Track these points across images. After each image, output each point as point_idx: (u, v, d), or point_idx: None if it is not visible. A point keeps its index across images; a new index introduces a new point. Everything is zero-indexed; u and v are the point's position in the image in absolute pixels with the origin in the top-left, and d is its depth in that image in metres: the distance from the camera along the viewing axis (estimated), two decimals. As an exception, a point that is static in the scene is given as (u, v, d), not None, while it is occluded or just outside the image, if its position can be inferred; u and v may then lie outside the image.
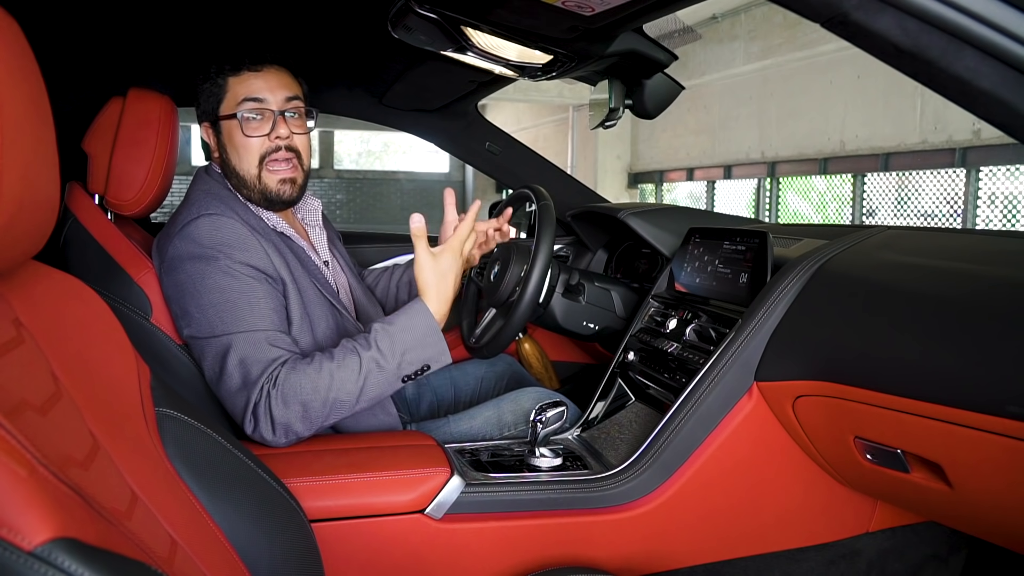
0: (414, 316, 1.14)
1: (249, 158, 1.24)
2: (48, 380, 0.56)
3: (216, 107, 1.26)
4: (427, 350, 1.13)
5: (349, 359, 1.09)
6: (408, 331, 1.12)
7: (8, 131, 0.47)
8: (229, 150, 1.26)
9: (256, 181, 1.25)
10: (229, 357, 1.10)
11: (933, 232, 1.29)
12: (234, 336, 1.11)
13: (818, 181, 6.74)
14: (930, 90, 0.68)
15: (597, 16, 1.09)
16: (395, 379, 1.12)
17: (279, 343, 1.13)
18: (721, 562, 1.19)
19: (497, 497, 1.09)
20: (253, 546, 0.73)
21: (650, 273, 1.76)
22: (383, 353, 1.10)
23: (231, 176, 1.27)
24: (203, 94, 1.28)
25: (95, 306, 0.71)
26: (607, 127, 1.54)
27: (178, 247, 1.16)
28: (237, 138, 1.24)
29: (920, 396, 0.86)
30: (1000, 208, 5.22)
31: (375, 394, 1.11)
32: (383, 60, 1.64)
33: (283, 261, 1.21)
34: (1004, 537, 0.95)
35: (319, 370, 1.08)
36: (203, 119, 1.30)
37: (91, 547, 0.40)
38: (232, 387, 1.10)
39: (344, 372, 1.09)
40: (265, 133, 1.24)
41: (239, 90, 1.24)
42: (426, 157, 12.01)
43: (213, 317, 1.12)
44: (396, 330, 1.12)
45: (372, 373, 1.10)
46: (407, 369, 1.12)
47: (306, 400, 1.07)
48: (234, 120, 1.24)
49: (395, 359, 1.11)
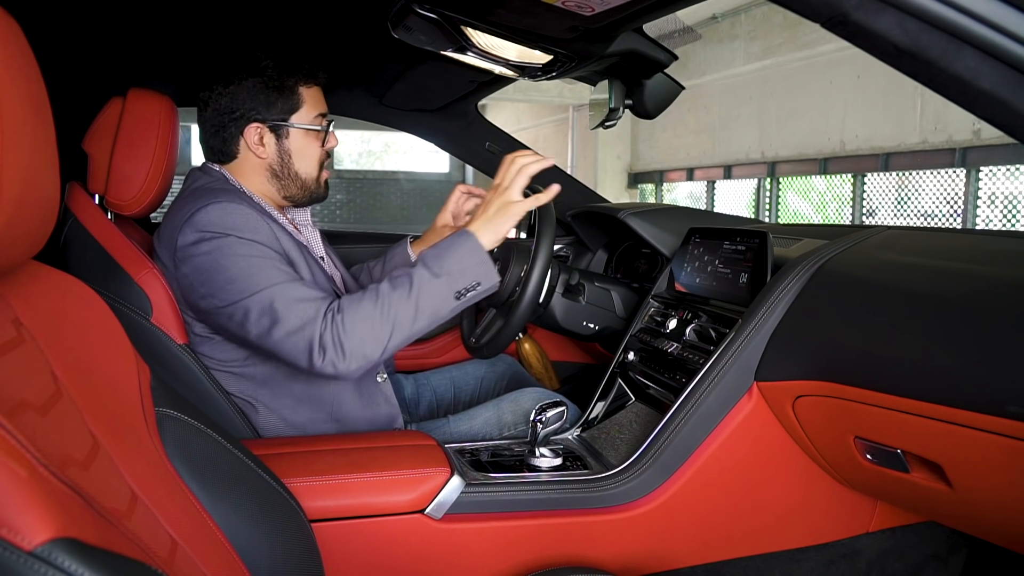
0: (457, 238, 1.18)
1: (315, 164, 1.34)
2: (48, 380, 0.56)
3: (287, 115, 1.29)
4: (475, 267, 1.17)
5: (400, 280, 1.14)
6: (453, 248, 1.16)
7: (8, 131, 0.47)
8: (294, 155, 1.31)
9: (314, 183, 1.35)
10: (277, 303, 1.11)
11: (933, 232, 1.29)
12: (274, 287, 1.12)
13: (818, 181, 6.73)
14: (930, 90, 0.68)
15: (597, 16, 1.09)
16: (448, 292, 1.15)
17: (316, 288, 1.16)
18: (721, 562, 1.19)
19: (497, 497, 1.09)
20: (253, 546, 0.73)
21: (650, 273, 1.76)
22: (430, 267, 1.14)
23: (284, 178, 1.32)
24: (259, 96, 1.27)
25: (95, 306, 0.71)
26: (607, 127, 1.53)
27: (188, 235, 1.16)
28: (308, 147, 1.32)
29: (920, 396, 0.86)
30: (1000, 208, 5.22)
31: (431, 309, 1.14)
32: (383, 60, 1.64)
33: (290, 247, 1.23)
34: (1004, 537, 0.95)
35: (376, 294, 1.12)
36: (255, 120, 1.28)
37: (91, 547, 0.40)
38: (293, 325, 1.10)
39: (399, 291, 1.13)
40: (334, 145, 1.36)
41: (314, 103, 1.31)
42: (426, 157, 12.01)
43: (246, 281, 1.12)
44: (441, 249, 1.17)
45: (424, 285, 1.13)
46: (459, 283, 1.15)
47: (372, 321, 1.10)
48: (306, 131, 1.30)
49: (444, 270, 1.14)
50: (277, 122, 1.28)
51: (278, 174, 1.31)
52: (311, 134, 1.31)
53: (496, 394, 1.66)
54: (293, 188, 1.33)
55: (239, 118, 1.28)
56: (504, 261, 1.48)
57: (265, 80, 1.27)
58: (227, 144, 1.30)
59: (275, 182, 1.32)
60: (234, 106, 1.27)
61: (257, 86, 1.27)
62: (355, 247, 1.95)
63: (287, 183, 1.32)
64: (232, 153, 1.30)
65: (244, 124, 1.28)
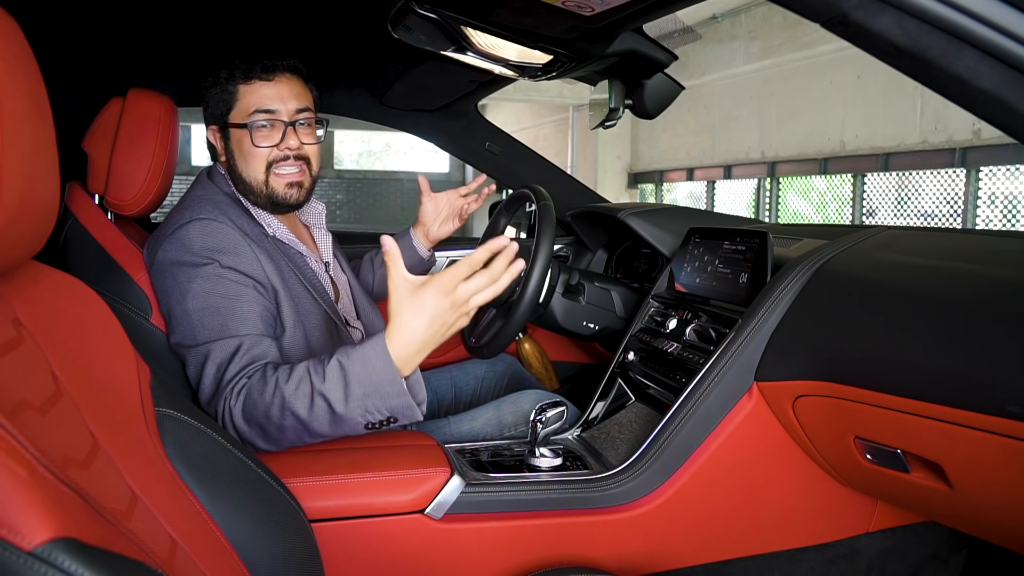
0: (370, 360, 0.97)
1: (256, 165, 1.25)
2: (48, 380, 0.56)
3: (225, 113, 1.26)
4: (386, 400, 0.97)
5: (302, 388, 0.99)
6: (363, 374, 0.97)
7: (8, 131, 0.47)
8: (237, 156, 1.26)
9: (263, 187, 1.26)
10: (206, 366, 1.09)
11: (933, 232, 1.29)
12: (212, 344, 1.09)
13: (818, 181, 6.73)
14: (930, 90, 0.68)
15: (597, 16, 1.09)
16: (353, 425, 0.99)
17: (256, 348, 1.09)
18: (721, 562, 1.19)
19: (497, 497, 1.09)
20: (253, 546, 0.73)
21: (650, 273, 1.76)
22: (336, 391, 0.97)
23: (238, 181, 1.27)
24: (212, 98, 1.27)
25: (95, 306, 0.71)
26: (607, 127, 1.54)
27: (167, 251, 1.15)
28: (246, 146, 1.25)
29: (920, 396, 0.86)
30: (1000, 208, 5.22)
31: (330, 433, 1.01)
32: (383, 60, 1.64)
33: (276, 268, 1.20)
34: (1004, 537, 0.95)
35: (273, 394, 1.00)
36: (211, 122, 1.29)
37: (91, 547, 0.40)
38: (206, 397, 1.09)
39: (296, 403, 0.99)
40: (275, 143, 1.25)
41: (250, 100, 1.24)
42: (426, 157, 12.01)
43: (196, 323, 1.11)
44: (351, 370, 0.97)
45: (323, 413, 0.98)
46: (367, 416, 0.98)
47: (262, 424, 1.02)
48: (244, 128, 1.24)
49: (350, 403, 0.97)
50: (220, 123, 1.27)
51: (234, 176, 1.28)
52: (247, 133, 1.24)
53: (496, 394, 1.66)
54: (249, 192, 1.27)
55: (206, 121, 1.30)
56: (504, 261, 1.48)
57: (215, 81, 1.27)
58: (211, 147, 1.32)
59: (240, 186, 1.28)
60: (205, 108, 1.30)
61: (212, 88, 1.27)
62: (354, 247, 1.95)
63: (242, 186, 1.27)
64: (215, 156, 1.32)
65: (207, 126, 1.30)
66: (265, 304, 1.16)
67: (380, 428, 1.01)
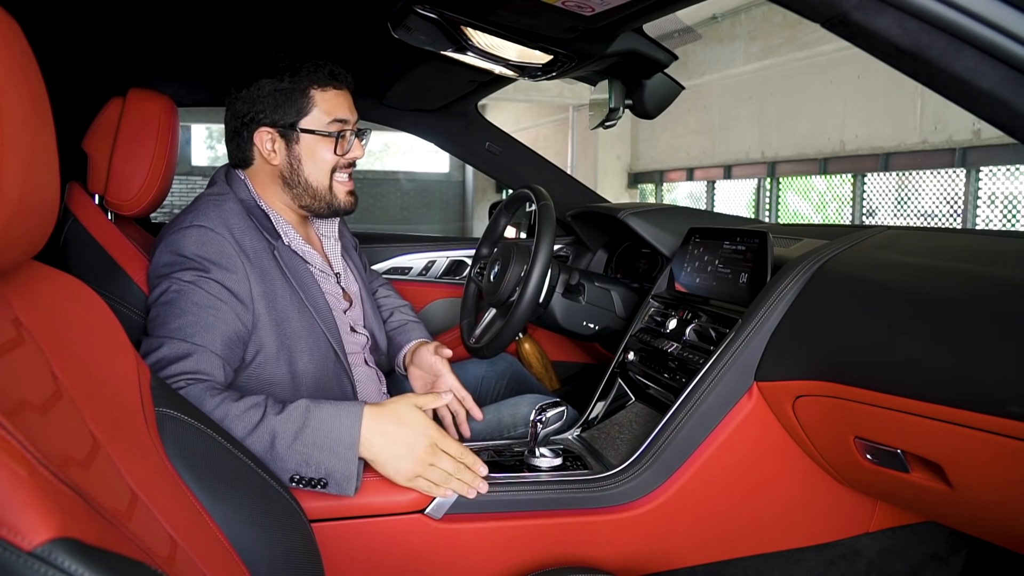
0: (341, 416, 0.98)
1: (326, 171, 1.28)
2: (48, 380, 0.56)
3: (296, 118, 1.24)
4: (332, 459, 0.96)
5: (251, 414, 0.97)
6: (326, 424, 0.97)
7: (8, 131, 0.47)
8: (305, 161, 1.26)
9: (327, 192, 1.29)
10: (152, 355, 1.04)
11: (933, 232, 1.29)
12: (166, 340, 1.06)
13: (818, 181, 6.74)
14: (930, 90, 0.68)
15: (597, 16, 1.09)
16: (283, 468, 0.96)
17: (205, 363, 1.06)
18: (721, 562, 1.19)
19: (497, 497, 1.09)
20: (253, 546, 0.73)
21: (650, 273, 1.76)
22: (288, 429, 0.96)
23: (295, 186, 1.27)
24: (269, 99, 1.23)
25: (95, 306, 0.71)
26: (607, 127, 1.54)
27: (161, 255, 1.15)
28: (319, 152, 1.26)
29: (920, 396, 0.86)
30: (1000, 208, 5.22)
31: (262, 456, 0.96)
32: (383, 60, 1.64)
33: (266, 291, 1.17)
34: (1004, 537, 0.95)
35: (216, 407, 0.97)
36: (265, 124, 1.25)
37: (91, 547, 0.40)
38: None
39: (237, 424, 0.96)
40: (343, 153, 1.29)
41: (328, 107, 1.25)
42: (426, 157, 12.01)
43: (159, 316, 1.08)
44: (315, 416, 0.97)
45: (261, 443, 0.96)
46: (301, 468, 0.96)
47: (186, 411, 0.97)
48: (318, 135, 1.25)
49: (295, 446, 0.95)
50: (286, 126, 1.25)
51: (288, 181, 1.27)
52: (325, 140, 1.26)
53: (496, 393, 1.66)
54: (306, 197, 1.28)
55: (250, 122, 1.25)
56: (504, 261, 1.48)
57: (276, 83, 1.23)
58: (242, 149, 1.28)
59: (288, 190, 1.28)
60: (246, 110, 1.25)
61: (268, 89, 1.23)
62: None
63: (299, 191, 1.28)
64: (248, 159, 1.28)
65: (255, 128, 1.25)
66: (236, 327, 1.12)
67: (301, 486, 0.97)
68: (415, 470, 1.00)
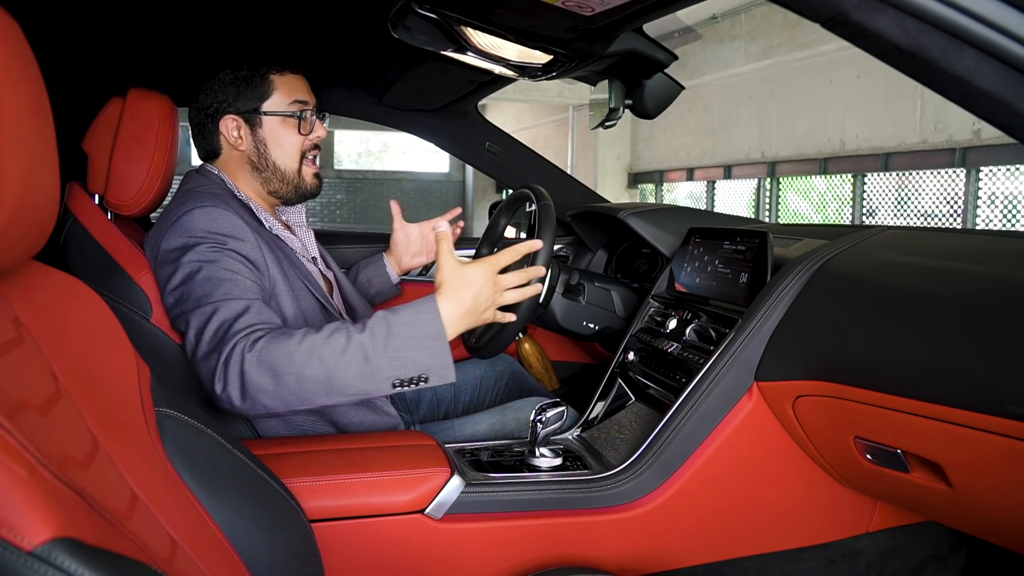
0: (419, 312, 1.02)
1: (293, 154, 1.31)
2: (48, 380, 0.56)
3: (258, 103, 1.28)
4: (426, 354, 1.00)
5: (336, 337, 1.00)
6: (409, 325, 1.00)
7: (8, 131, 0.47)
8: (270, 145, 1.30)
9: (295, 176, 1.32)
10: (211, 321, 1.06)
11: (933, 232, 1.29)
12: (220, 303, 1.07)
13: (818, 181, 6.73)
14: (930, 90, 0.68)
15: (597, 16, 1.09)
16: (383, 378, 0.99)
17: (265, 313, 1.08)
18: (721, 562, 1.19)
19: (497, 497, 1.09)
20: (253, 546, 0.73)
21: (650, 273, 1.76)
22: (376, 340, 0.99)
23: (264, 170, 1.31)
24: (230, 88, 1.28)
25: (95, 306, 0.71)
26: (607, 127, 1.54)
27: (171, 239, 1.16)
28: (283, 135, 1.30)
29: (920, 396, 0.86)
30: (1000, 208, 5.22)
31: (355, 386, 1.00)
32: (383, 60, 1.64)
33: (276, 260, 1.22)
34: (1004, 537, 0.95)
35: (300, 341, 0.99)
36: (228, 112, 1.29)
37: (91, 547, 0.40)
38: (207, 348, 1.05)
39: (326, 349, 0.98)
40: (307, 133, 1.32)
41: (287, 90, 1.30)
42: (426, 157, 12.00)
43: (200, 290, 1.10)
44: (396, 320, 1.01)
45: (355, 360, 0.98)
46: (400, 371, 0.99)
47: (279, 370, 0.98)
48: (281, 117, 1.29)
49: (388, 352, 0.99)
50: (249, 112, 1.29)
51: (257, 166, 1.31)
52: (287, 122, 1.30)
53: (496, 393, 1.66)
54: (274, 181, 1.32)
55: (215, 113, 1.30)
56: (504, 261, 1.48)
57: (236, 72, 1.29)
58: (209, 141, 1.32)
59: (257, 175, 1.32)
60: (209, 102, 1.30)
61: (228, 78, 1.29)
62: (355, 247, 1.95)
63: (267, 175, 1.31)
64: (216, 150, 1.32)
65: (219, 117, 1.30)
66: (266, 289, 1.17)
67: (407, 387, 1.01)
68: (488, 312, 1.09)
